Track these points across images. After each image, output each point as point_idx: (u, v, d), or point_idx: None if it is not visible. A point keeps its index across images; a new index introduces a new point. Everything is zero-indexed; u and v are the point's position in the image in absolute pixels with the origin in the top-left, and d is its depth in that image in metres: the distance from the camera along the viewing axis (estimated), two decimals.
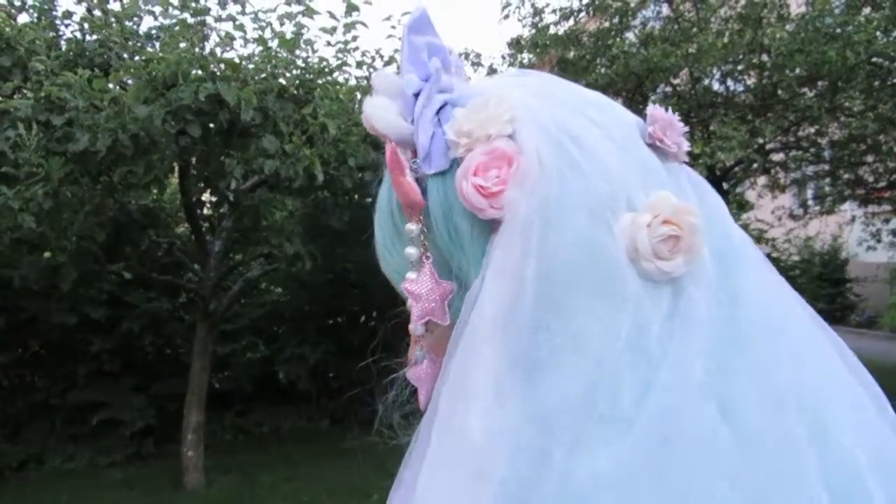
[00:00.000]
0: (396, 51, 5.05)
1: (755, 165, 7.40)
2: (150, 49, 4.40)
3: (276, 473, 5.36)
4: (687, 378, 0.44)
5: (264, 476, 5.32)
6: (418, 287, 0.53)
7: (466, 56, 7.26)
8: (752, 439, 0.44)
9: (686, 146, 0.54)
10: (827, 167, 8.67)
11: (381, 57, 5.05)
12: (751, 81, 7.14)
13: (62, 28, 4.72)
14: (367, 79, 4.94)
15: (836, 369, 0.52)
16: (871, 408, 0.51)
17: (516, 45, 7.64)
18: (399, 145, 0.54)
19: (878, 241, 10.49)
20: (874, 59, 5.89)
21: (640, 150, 0.51)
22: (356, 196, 5.09)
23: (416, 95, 0.53)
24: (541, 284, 0.45)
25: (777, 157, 8.27)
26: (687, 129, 0.55)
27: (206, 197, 5.83)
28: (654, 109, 0.53)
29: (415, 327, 0.53)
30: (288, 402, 6.88)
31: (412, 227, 0.53)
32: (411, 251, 0.53)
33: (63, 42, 4.58)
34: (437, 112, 0.52)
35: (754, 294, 0.49)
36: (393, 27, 4.77)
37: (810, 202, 9.92)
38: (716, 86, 7.35)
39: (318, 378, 6.87)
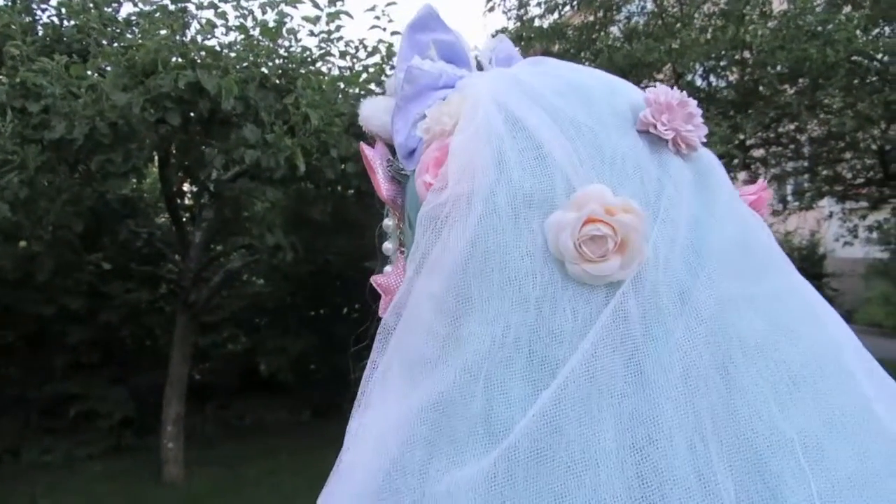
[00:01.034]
0: (380, 41, 5.02)
1: (736, 161, 7.45)
2: (129, 36, 4.33)
3: (257, 466, 5.33)
4: (585, 391, 0.40)
5: (245, 468, 5.29)
6: (388, 280, 0.54)
7: None
8: (652, 473, 0.39)
9: (695, 130, 0.48)
10: (806, 163, 8.78)
11: (365, 47, 5.01)
12: (733, 78, 7.20)
13: (39, 12, 4.63)
14: (351, 69, 4.90)
15: (820, 408, 0.43)
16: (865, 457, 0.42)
17: None
18: (388, 144, 0.54)
19: (855, 236, 10.66)
20: (854, 58, 5.96)
21: (613, 139, 0.46)
22: (339, 187, 5.06)
23: None
24: (435, 284, 0.44)
25: (757, 153, 8.35)
26: (700, 111, 0.49)
27: (186, 187, 5.77)
28: (652, 92, 0.48)
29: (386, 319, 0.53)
30: (270, 394, 6.85)
31: (388, 222, 0.54)
32: (388, 246, 0.55)
33: (40, 27, 4.50)
34: None
35: (709, 306, 0.42)
36: (377, 17, 4.73)
37: (789, 198, 10.04)
38: (698, 81, 7.40)
39: (300, 370, 6.84)
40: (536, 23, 7.68)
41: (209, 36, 4.31)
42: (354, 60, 4.92)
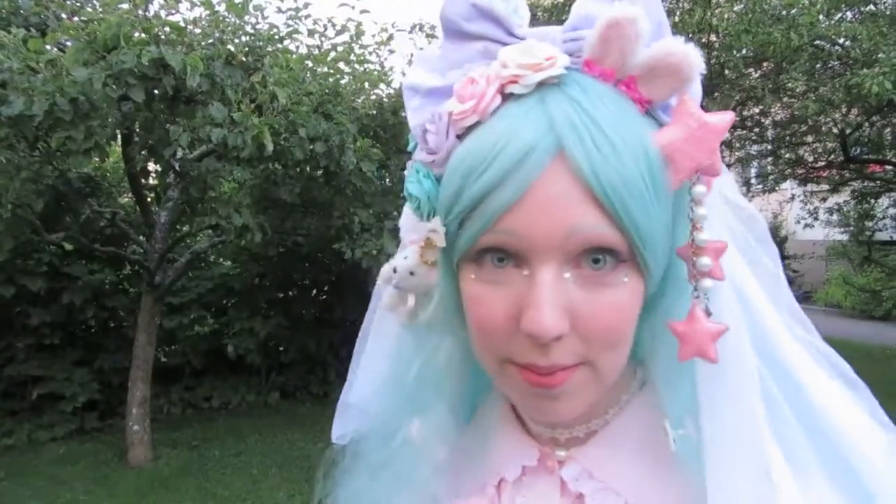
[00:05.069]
0: (349, 19, 4.96)
1: None
2: (89, 10, 4.20)
3: (224, 447, 5.31)
4: None
5: (213, 450, 5.27)
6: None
7: (420, 28, 7.17)
8: None
9: None
10: (769, 146, 8.94)
11: (334, 26, 4.94)
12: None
13: None
14: (319, 48, 4.84)
15: None
16: None
17: None
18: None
19: (816, 218, 10.91)
20: (816, 42, 6.06)
21: None
22: (307, 168, 5.01)
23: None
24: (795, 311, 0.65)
25: None
26: None
27: (150, 166, 5.65)
28: None
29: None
30: (237, 375, 6.80)
31: (702, 188, 0.49)
32: (703, 212, 0.49)
33: None
34: None
35: None
36: None
37: (753, 180, 10.23)
38: None
39: (268, 352, 6.80)
40: None
41: (173, 11, 4.21)
42: (323, 39, 4.85)
